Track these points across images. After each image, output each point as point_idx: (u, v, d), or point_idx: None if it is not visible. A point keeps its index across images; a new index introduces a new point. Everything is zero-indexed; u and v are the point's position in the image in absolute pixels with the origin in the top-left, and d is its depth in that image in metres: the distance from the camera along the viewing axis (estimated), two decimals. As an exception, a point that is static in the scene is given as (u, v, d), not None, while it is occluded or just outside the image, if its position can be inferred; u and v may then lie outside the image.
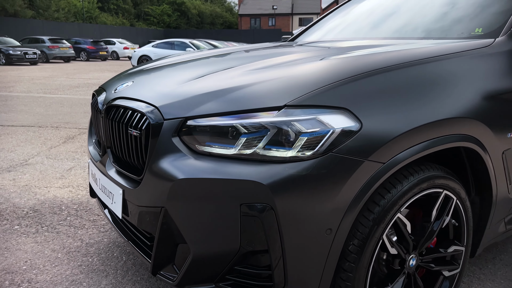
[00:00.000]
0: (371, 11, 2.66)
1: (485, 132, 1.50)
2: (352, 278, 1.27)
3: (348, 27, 2.62)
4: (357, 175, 1.18)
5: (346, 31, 2.57)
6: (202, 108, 1.29)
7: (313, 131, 1.17)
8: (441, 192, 1.44)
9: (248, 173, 1.16)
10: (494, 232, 1.78)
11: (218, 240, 1.22)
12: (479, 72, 1.57)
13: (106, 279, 1.98)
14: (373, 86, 1.28)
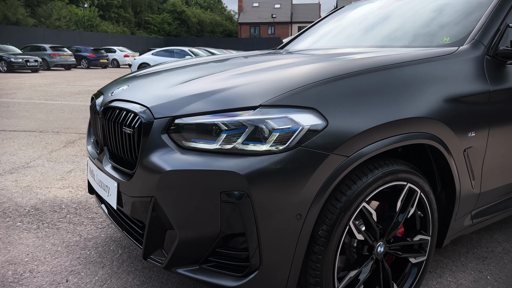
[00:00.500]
0: (352, 22, 2.84)
1: (446, 132, 1.66)
2: (321, 260, 1.42)
3: (331, 36, 2.80)
4: (323, 166, 1.33)
5: (329, 40, 2.75)
6: (188, 108, 1.45)
7: (284, 128, 1.33)
8: (405, 185, 1.60)
9: (227, 165, 1.32)
10: (460, 225, 1.93)
11: (201, 225, 1.38)
12: (442, 77, 1.73)
13: (102, 269, 2.13)
14: (339, 89, 1.44)
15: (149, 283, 2.00)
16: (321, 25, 3.14)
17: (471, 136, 1.77)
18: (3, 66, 21.06)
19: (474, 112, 1.78)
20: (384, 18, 2.62)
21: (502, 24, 2.02)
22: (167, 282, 2.02)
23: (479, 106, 1.80)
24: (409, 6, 2.58)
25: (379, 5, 2.81)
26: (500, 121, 1.89)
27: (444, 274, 2.13)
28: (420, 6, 2.52)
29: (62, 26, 36.91)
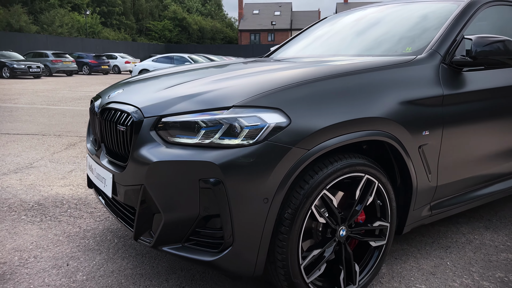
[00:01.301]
0: (330, 34, 3.09)
1: (401, 131, 1.89)
2: (287, 239, 1.65)
3: (310, 46, 3.05)
4: (287, 158, 1.57)
5: (308, 49, 3.00)
6: (173, 109, 1.69)
7: (253, 125, 1.56)
8: (362, 176, 1.83)
9: (205, 156, 1.55)
10: (418, 214, 2.16)
11: (183, 207, 1.61)
12: (398, 82, 1.97)
13: (99, 255, 2.36)
14: (302, 93, 1.68)
15: (141, 267, 2.23)
16: (303, 35, 3.39)
17: (425, 134, 2.00)
18: (6, 72, 21.40)
19: (428, 114, 2.02)
20: (358, 30, 2.88)
21: (459, 35, 2.27)
22: (157, 266, 2.24)
23: (432, 108, 2.03)
24: (380, 19, 2.84)
25: (355, 18, 3.06)
26: (453, 122, 2.12)
27: (408, 260, 2.35)
28: (390, 19, 2.78)
29: (65, 33, 37.36)
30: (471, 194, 2.45)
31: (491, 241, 2.63)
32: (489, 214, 3.11)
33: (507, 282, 2.14)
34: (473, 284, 2.11)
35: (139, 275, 2.15)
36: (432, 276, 2.18)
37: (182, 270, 2.20)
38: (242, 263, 1.63)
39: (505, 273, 2.23)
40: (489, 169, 2.47)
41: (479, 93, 2.28)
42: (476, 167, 2.36)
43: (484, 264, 2.33)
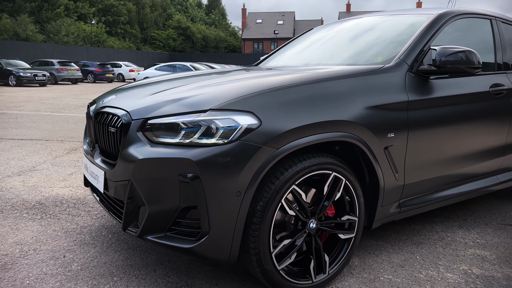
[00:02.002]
0: (312, 44, 3.30)
1: (367, 133, 2.08)
2: (259, 229, 1.83)
3: (293, 56, 3.26)
4: (257, 155, 1.76)
5: (291, 59, 3.21)
6: (157, 112, 1.89)
7: (227, 126, 1.76)
8: (330, 174, 2.01)
9: (184, 154, 1.74)
10: (387, 211, 2.34)
11: (165, 200, 1.80)
12: (365, 88, 2.16)
13: (94, 249, 2.55)
14: (272, 97, 1.87)
15: (131, 259, 2.41)
16: (290, 45, 3.60)
17: (390, 136, 2.19)
18: (13, 80, 21.80)
19: (393, 117, 2.20)
20: (337, 42, 3.09)
21: (426, 46, 2.46)
22: (147, 258, 2.43)
23: (398, 112, 2.22)
24: (357, 31, 3.05)
25: (336, 30, 3.28)
26: (418, 125, 2.30)
27: (380, 255, 2.53)
28: (366, 31, 2.99)
29: (70, 41, 37.95)
30: (439, 193, 2.63)
31: (462, 238, 2.80)
32: (465, 214, 3.28)
33: (470, 274, 2.31)
34: (438, 275, 2.28)
35: (129, 266, 2.33)
36: (400, 268, 2.35)
37: (169, 262, 2.38)
38: (218, 250, 1.81)
39: (469, 266, 2.40)
40: (456, 170, 2.64)
41: (444, 99, 2.46)
42: (442, 167, 2.54)
43: (452, 258, 2.50)
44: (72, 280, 2.16)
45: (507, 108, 2.84)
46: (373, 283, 2.18)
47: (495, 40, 2.97)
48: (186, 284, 2.14)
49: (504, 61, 2.97)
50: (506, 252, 2.60)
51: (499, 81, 2.83)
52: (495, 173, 2.97)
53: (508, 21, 3.19)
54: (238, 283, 2.16)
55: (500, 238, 2.82)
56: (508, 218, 3.21)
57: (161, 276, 2.22)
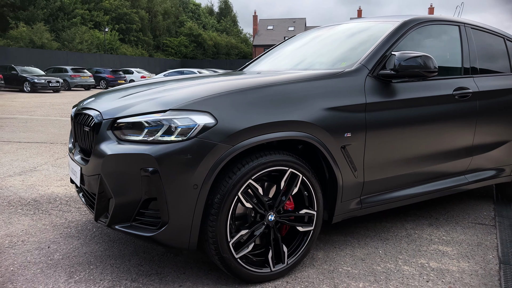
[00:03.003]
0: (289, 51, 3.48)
1: (322, 132, 2.22)
2: (217, 220, 1.99)
3: (271, 61, 3.44)
4: (213, 152, 1.92)
5: (269, 64, 3.39)
6: (125, 112, 2.07)
7: (186, 124, 1.93)
8: (286, 170, 2.16)
9: (146, 149, 1.92)
10: (347, 207, 2.47)
11: (129, 192, 1.97)
12: (323, 91, 2.31)
13: (77, 241, 2.74)
14: (229, 99, 2.04)
15: (110, 250, 2.60)
16: (271, 52, 3.77)
17: (347, 136, 2.33)
18: (27, 86, 22.44)
19: (350, 118, 2.35)
20: (311, 48, 3.25)
21: (388, 51, 2.61)
22: (124, 249, 2.61)
23: (355, 114, 2.36)
24: (330, 38, 3.22)
25: (312, 37, 3.45)
26: (376, 126, 2.44)
27: (345, 249, 2.66)
28: (338, 38, 3.15)
29: (84, 49, 38.84)
30: (404, 191, 2.75)
31: (429, 235, 2.91)
32: (439, 213, 3.39)
33: (426, 267, 2.43)
34: (395, 268, 2.41)
35: (107, 256, 2.51)
36: (360, 261, 2.48)
37: (144, 253, 2.56)
38: (177, 238, 1.98)
39: (428, 260, 2.52)
40: (420, 169, 2.76)
41: (406, 102, 2.60)
42: (404, 166, 2.66)
43: (413, 253, 2.62)
44: (52, 267, 2.35)
45: (472, 111, 2.96)
46: (331, 274, 2.32)
47: (462, 45, 3.09)
48: (156, 273, 2.31)
49: (471, 66, 3.09)
50: (468, 248, 2.71)
51: (464, 84, 2.94)
52: (463, 173, 3.08)
53: (480, 28, 3.31)
54: (204, 272, 2.32)
55: (467, 235, 2.92)
56: (480, 217, 3.31)
57: (135, 265, 2.40)
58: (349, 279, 2.26)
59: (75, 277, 2.24)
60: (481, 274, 2.35)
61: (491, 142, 3.16)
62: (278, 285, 2.20)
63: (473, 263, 2.49)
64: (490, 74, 3.23)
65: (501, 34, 3.51)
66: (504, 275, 2.35)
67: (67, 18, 40.71)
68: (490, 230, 3.05)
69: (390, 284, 2.22)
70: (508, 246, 2.76)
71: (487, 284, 2.24)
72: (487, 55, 3.31)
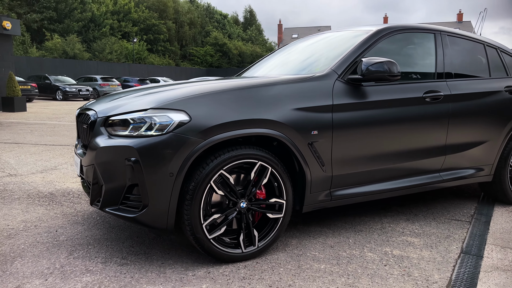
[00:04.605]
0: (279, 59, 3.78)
1: (289, 130, 2.50)
2: (191, 204, 2.29)
3: (261, 67, 3.74)
4: (187, 145, 2.23)
5: (258, 70, 3.69)
6: (116, 111, 2.42)
7: (163, 121, 2.25)
8: (256, 163, 2.45)
9: (129, 142, 2.25)
10: (315, 198, 2.71)
11: (117, 179, 2.31)
12: (293, 93, 2.59)
13: (82, 227, 3.10)
14: (203, 99, 2.35)
15: (108, 234, 2.94)
16: (265, 59, 4.08)
17: (314, 134, 2.59)
18: (59, 95, 23.62)
19: (318, 118, 2.61)
20: (296, 55, 3.54)
21: (358, 58, 2.87)
22: (121, 234, 2.95)
23: (322, 114, 2.63)
24: (314, 46, 3.51)
25: (300, 45, 3.75)
26: (343, 125, 2.69)
27: (319, 238, 2.90)
28: (319, 46, 3.44)
29: (114, 59, 40.37)
30: (376, 186, 2.97)
31: (402, 228, 3.12)
32: (420, 209, 3.57)
33: (389, 254, 2.64)
34: (359, 254, 2.63)
35: (105, 239, 2.86)
36: (329, 248, 2.73)
37: (138, 237, 2.89)
38: (156, 220, 2.29)
39: (392, 248, 2.73)
40: (391, 165, 2.98)
41: (375, 103, 2.83)
42: (374, 163, 2.89)
43: (381, 242, 2.84)
44: (56, 246, 2.71)
45: (444, 112, 3.15)
46: (299, 257, 2.58)
47: (437, 52, 3.30)
48: (144, 253, 2.63)
49: (445, 71, 3.29)
50: (435, 240, 2.90)
51: (436, 88, 3.15)
52: (438, 171, 3.26)
53: (458, 35, 3.50)
54: (186, 253, 2.63)
55: (439, 229, 3.11)
56: (458, 214, 3.47)
57: (127, 246, 2.73)
58: (313, 262, 2.51)
59: (75, 254, 2.59)
60: (438, 261, 2.55)
61: (466, 142, 3.34)
62: (248, 264, 2.47)
63: (434, 252, 2.69)
64: (466, 79, 3.41)
65: (481, 41, 3.68)
66: (460, 263, 2.54)
67: (97, 29, 42.48)
68: (464, 225, 3.22)
69: (349, 266, 2.46)
70: (475, 239, 2.93)
71: (440, 269, 2.44)
72: (465, 61, 3.50)
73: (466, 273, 2.39)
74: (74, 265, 2.44)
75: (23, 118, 12.13)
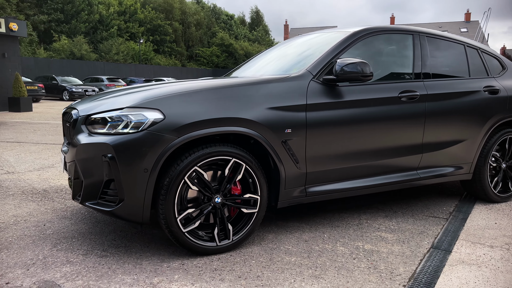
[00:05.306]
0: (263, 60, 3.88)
1: (263, 128, 2.59)
2: (166, 199, 2.40)
3: (247, 69, 3.85)
4: (161, 142, 2.34)
5: (246, 71, 3.80)
6: (96, 110, 2.54)
7: (139, 119, 2.37)
8: (230, 159, 2.55)
9: (106, 139, 2.37)
10: (290, 194, 2.81)
11: (95, 175, 2.43)
12: (268, 93, 2.69)
13: (69, 221, 3.23)
14: (177, 99, 2.46)
15: (93, 228, 3.07)
16: (252, 60, 4.18)
17: (288, 132, 2.69)
18: (66, 95, 23.94)
19: (292, 117, 2.70)
20: (277, 57, 3.65)
21: (334, 59, 2.96)
22: (105, 228, 3.07)
23: (296, 113, 2.72)
24: (295, 48, 3.62)
25: (283, 46, 3.85)
26: (317, 123, 2.78)
27: (295, 233, 3.00)
28: (302, 47, 3.54)
29: (120, 59, 40.74)
30: (352, 183, 3.05)
31: (378, 224, 3.20)
32: (400, 207, 3.65)
33: (360, 248, 2.73)
34: (331, 248, 2.73)
35: (89, 232, 2.98)
36: (303, 242, 2.82)
37: (121, 231, 3.01)
38: (132, 213, 2.41)
39: (364, 243, 2.82)
40: (367, 163, 3.06)
41: (349, 102, 2.92)
42: (348, 160, 2.97)
43: (355, 237, 2.93)
44: (42, 239, 2.84)
45: (420, 112, 3.23)
46: (272, 250, 2.68)
47: (414, 52, 3.38)
48: (125, 246, 2.75)
49: (423, 71, 3.36)
50: (409, 236, 2.98)
51: (412, 88, 3.23)
52: (415, 169, 3.34)
53: (437, 36, 3.57)
54: (164, 246, 2.74)
55: (415, 226, 3.19)
56: (437, 212, 3.55)
57: (109, 240, 2.85)
58: (285, 255, 2.61)
59: (58, 247, 2.71)
60: (407, 255, 2.63)
61: (444, 140, 3.41)
62: (222, 257, 2.58)
63: (405, 247, 2.77)
64: (445, 79, 3.49)
65: (462, 42, 3.75)
66: (428, 257, 2.62)
67: (105, 30, 42.92)
68: (440, 222, 3.29)
69: (319, 259, 2.55)
70: (448, 235, 3.01)
71: (407, 263, 2.53)
72: (444, 61, 3.58)
73: (431, 267, 2.47)
74: (56, 256, 2.57)
75: (28, 118, 12.36)
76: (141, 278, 2.29)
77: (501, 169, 3.79)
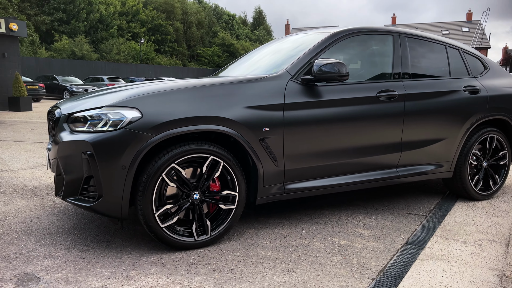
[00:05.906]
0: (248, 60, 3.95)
1: (240, 126, 2.67)
2: (144, 195, 2.47)
3: (232, 69, 3.92)
4: (138, 140, 2.42)
5: (231, 71, 3.87)
6: (77, 108, 2.62)
7: (117, 118, 2.44)
8: (208, 157, 2.63)
9: (86, 137, 2.45)
10: (268, 191, 2.88)
11: (75, 171, 2.51)
12: (246, 92, 2.76)
13: (55, 217, 3.31)
14: (155, 98, 2.53)
15: (78, 224, 3.15)
16: (238, 61, 4.26)
17: (265, 130, 2.76)
18: (67, 95, 24.05)
19: (269, 116, 2.77)
20: (261, 57, 3.72)
21: (313, 59, 3.03)
22: (89, 224, 3.15)
23: (273, 111, 2.79)
24: (279, 48, 3.70)
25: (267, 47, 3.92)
26: (294, 122, 2.85)
27: (275, 229, 3.07)
28: (285, 48, 3.60)
29: (121, 59, 40.90)
30: (331, 180, 3.11)
31: (358, 221, 3.27)
32: (382, 204, 3.72)
33: (335, 243, 2.80)
34: (307, 243, 2.80)
35: (74, 228, 3.06)
36: (281, 238, 2.89)
37: (105, 227, 3.09)
38: (111, 208, 2.48)
39: (340, 239, 2.89)
40: (342, 161, 3.12)
41: (327, 102, 2.99)
42: (326, 158, 3.04)
43: (333, 233, 2.99)
44: (27, 235, 2.92)
45: (399, 111, 3.30)
46: (249, 246, 2.75)
47: (394, 53, 3.44)
48: (107, 241, 2.83)
49: (402, 71, 3.43)
50: (385, 232, 3.04)
51: (391, 87, 3.29)
52: (394, 167, 3.41)
53: (415, 36, 3.63)
54: (145, 241, 2.82)
55: (393, 222, 3.25)
56: (417, 209, 3.61)
57: (92, 235, 2.93)
58: (261, 249, 2.69)
59: (42, 242, 2.80)
60: (380, 251, 2.70)
61: (423, 139, 3.47)
62: (200, 251, 2.65)
63: (380, 243, 2.84)
64: (424, 79, 3.55)
65: (443, 42, 3.81)
66: (401, 252, 2.69)
67: (105, 29, 43.08)
68: (419, 219, 3.36)
69: (294, 254, 2.62)
70: (424, 231, 3.07)
71: (379, 258, 2.59)
72: (424, 62, 3.64)
73: (402, 261, 2.54)
74: (39, 251, 2.65)
75: (27, 117, 12.48)
76: (118, 271, 2.37)
77: (482, 167, 3.85)
